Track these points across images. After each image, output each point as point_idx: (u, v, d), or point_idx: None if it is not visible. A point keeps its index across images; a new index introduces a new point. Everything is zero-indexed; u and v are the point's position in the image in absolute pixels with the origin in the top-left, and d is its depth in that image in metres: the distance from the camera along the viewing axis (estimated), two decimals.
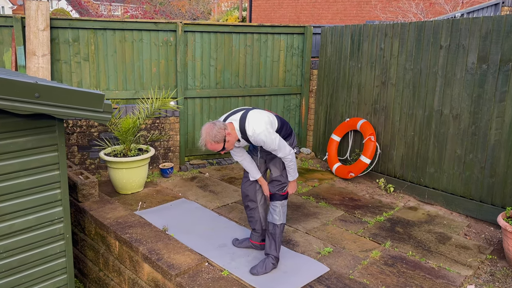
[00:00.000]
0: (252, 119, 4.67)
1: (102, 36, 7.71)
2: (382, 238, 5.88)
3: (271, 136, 4.64)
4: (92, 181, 6.21)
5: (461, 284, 4.84)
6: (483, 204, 6.45)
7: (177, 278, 4.60)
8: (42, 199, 4.44)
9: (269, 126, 4.69)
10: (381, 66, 7.76)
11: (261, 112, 4.82)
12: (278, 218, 5.01)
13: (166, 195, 7.11)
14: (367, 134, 7.79)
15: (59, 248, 4.70)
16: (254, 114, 4.72)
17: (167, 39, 8.15)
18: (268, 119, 4.76)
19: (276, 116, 4.95)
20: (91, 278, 6.04)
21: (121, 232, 5.41)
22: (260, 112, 4.79)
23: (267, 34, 8.99)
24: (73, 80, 7.64)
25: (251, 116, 4.69)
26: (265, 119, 4.71)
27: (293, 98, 9.55)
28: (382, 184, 7.72)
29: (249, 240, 5.45)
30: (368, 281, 4.83)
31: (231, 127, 4.67)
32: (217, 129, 4.52)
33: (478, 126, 6.40)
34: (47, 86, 3.85)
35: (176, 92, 8.31)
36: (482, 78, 6.29)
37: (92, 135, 7.58)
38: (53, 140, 4.40)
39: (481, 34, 6.26)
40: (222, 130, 4.54)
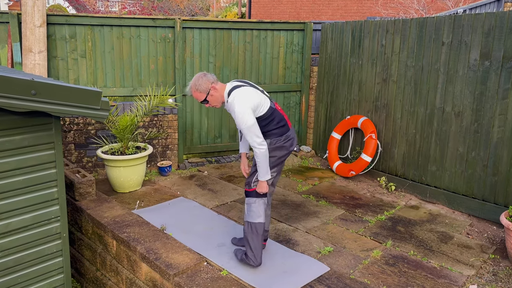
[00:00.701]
0: (242, 90, 4.70)
1: (99, 33, 7.70)
2: (383, 237, 5.87)
3: (244, 111, 4.55)
4: (89, 180, 6.20)
5: (463, 284, 4.84)
6: (485, 202, 6.44)
7: (175, 278, 4.60)
8: (38, 197, 4.43)
9: (251, 104, 4.61)
10: (382, 63, 7.76)
11: (259, 93, 4.78)
12: (247, 214, 4.96)
13: (164, 194, 7.10)
14: (368, 132, 7.79)
15: (56, 247, 4.69)
16: (249, 89, 4.74)
17: (165, 36, 8.14)
18: (257, 100, 4.68)
19: (274, 109, 4.83)
20: (88, 278, 6.04)
21: (118, 231, 5.40)
22: (257, 92, 4.76)
23: (266, 31, 8.98)
24: (70, 77, 7.62)
25: (245, 89, 4.72)
26: (253, 97, 4.66)
27: (293, 95, 9.54)
28: (383, 183, 7.71)
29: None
30: (369, 281, 4.83)
31: (221, 87, 4.77)
32: (205, 80, 4.69)
33: (481, 124, 6.40)
34: (44, 83, 3.84)
35: (174, 89, 8.30)
36: (485, 75, 6.29)
37: (89, 133, 7.57)
38: (50, 138, 4.39)
39: (483, 30, 6.26)
40: (209, 83, 4.69)
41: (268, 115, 4.76)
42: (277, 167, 4.95)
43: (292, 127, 4.99)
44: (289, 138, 4.89)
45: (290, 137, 4.91)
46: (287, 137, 4.88)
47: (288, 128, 4.91)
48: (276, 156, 4.86)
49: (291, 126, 4.99)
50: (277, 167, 4.96)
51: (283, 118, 4.89)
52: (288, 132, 4.90)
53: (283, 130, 4.85)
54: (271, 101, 4.89)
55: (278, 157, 4.88)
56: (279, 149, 4.85)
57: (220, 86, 4.76)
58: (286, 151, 4.90)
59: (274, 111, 4.83)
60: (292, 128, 4.98)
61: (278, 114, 4.86)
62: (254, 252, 4.91)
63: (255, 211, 4.90)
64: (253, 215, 4.90)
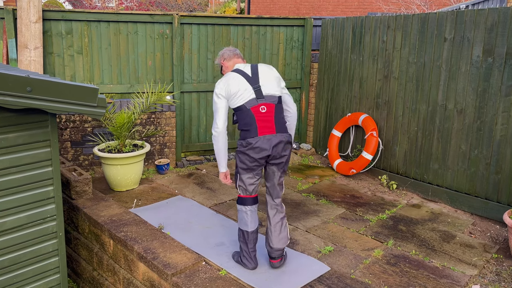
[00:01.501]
0: (229, 75, 4.87)
1: (96, 29, 7.68)
2: (385, 236, 5.87)
3: (215, 91, 4.87)
4: (86, 178, 6.20)
5: (466, 284, 4.84)
6: (488, 201, 6.44)
7: (173, 277, 4.59)
8: (34, 196, 4.42)
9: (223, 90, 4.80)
10: (383, 59, 7.75)
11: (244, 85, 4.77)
12: (239, 222, 4.99)
13: (162, 192, 7.10)
14: (369, 130, 7.78)
15: (52, 247, 4.68)
16: (235, 77, 4.83)
17: (163, 32, 8.13)
18: (234, 89, 4.74)
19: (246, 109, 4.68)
20: (85, 278, 6.03)
21: (115, 230, 5.40)
22: (241, 83, 4.78)
23: (266, 27, 8.97)
24: (66, 74, 7.61)
25: (232, 75, 4.86)
26: (230, 85, 4.77)
27: (293, 92, 9.52)
28: (384, 181, 7.71)
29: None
30: (370, 281, 4.82)
31: (232, 64, 5.08)
32: (221, 53, 5.14)
33: (484, 121, 6.39)
34: (40, 80, 3.83)
35: (172, 86, 8.29)
36: (488, 71, 6.28)
37: (86, 130, 7.56)
38: (46, 135, 4.38)
39: (486, 26, 6.25)
40: (221, 58, 5.13)
41: (238, 110, 4.77)
42: (250, 171, 4.78)
43: (268, 135, 4.64)
44: (250, 144, 4.65)
45: (253, 146, 4.63)
46: (248, 143, 4.65)
47: (253, 134, 4.64)
48: (243, 157, 4.74)
49: (270, 133, 4.65)
50: (251, 171, 4.78)
51: (251, 122, 4.65)
52: (251, 138, 4.64)
53: (246, 134, 4.69)
54: (257, 100, 4.70)
55: (244, 160, 4.73)
56: (242, 153, 4.74)
57: (231, 63, 5.06)
58: (248, 157, 4.68)
59: (245, 111, 4.69)
60: (264, 136, 4.64)
61: (248, 116, 4.68)
62: (245, 256, 4.96)
63: (239, 217, 4.96)
64: (239, 221, 4.97)
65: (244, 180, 4.83)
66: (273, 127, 4.69)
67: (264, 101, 4.72)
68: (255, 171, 4.79)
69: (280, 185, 4.97)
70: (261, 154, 4.64)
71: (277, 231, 4.91)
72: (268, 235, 4.96)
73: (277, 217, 4.95)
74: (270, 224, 4.94)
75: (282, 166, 4.86)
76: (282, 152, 4.73)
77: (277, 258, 4.98)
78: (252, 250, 4.94)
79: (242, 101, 4.72)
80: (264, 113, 4.69)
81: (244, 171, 4.79)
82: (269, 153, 4.64)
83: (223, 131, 4.83)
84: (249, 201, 4.88)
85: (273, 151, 4.66)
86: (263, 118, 4.67)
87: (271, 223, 4.94)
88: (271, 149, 4.64)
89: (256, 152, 4.64)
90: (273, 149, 4.65)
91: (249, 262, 4.92)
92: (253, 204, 4.90)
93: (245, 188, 4.86)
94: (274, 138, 4.66)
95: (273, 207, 4.97)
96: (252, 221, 4.88)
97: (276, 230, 4.91)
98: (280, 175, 4.91)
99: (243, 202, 4.89)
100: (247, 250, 4.92)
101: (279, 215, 4.96)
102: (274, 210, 4.96)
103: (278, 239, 4.90)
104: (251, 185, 4.85)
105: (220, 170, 5.04)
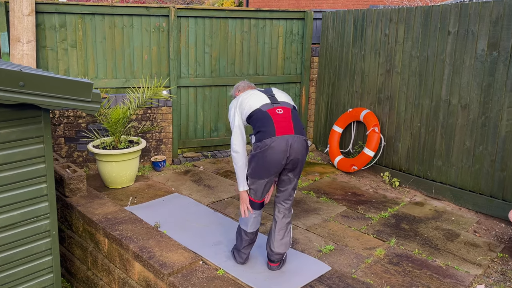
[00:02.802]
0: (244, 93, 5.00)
1: (90, 22, 7.66)
2: (387, 235, 5.87)
3: (231, 112, 4.96)
4: (80, 175, 6.19)
5: (470, 284, 4.83)
6: (493, 199, 6.44)
7: (170, 277, 4.59)
8: (27, 194, 4.42)
9: (237, 101, 4.93)
10: (385, 53, 7.74)
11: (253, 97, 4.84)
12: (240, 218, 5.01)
13: (158, 190, 7.09)
14: (371, 125, 7.78)
15: (45, 245, 4.68)
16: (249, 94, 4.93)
17: (159, 25, 8.11)
18: (246, 103, 4.81)
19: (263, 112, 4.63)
20: (79, 278, 6.03)
21: (110, 228, 5.39)
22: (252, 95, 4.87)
23: (265, 20, 8.95)
24: (60, 68, 7.59)
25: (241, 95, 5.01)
26: (251, 93, 4.90)
27: (293, 87, 9.52)
28: (386, 178, 7.71)
29: None
30: (372, 280, 4.82)
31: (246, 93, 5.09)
32: (236, 85, 5.36)
33: (488, 117, 6.39)
34: (33, 75, 3.82)
35: (168, 81, 8.28)
36: (493, 66, 6.27)
37: (80, 126, 7.55)
38: (39, 131, 4.37)
39: (491, 19, 6.24)
40: (236, 90, 5.33)
41: (252, 116, 4.70)
42: (265, 176, 4.63)
43: (286, 136, 4.48)
44: (266, 145, 4.47)
45: (269, 146, 4.46)
46: (264, 144, 4.48)
47: (271, 134, 4.48)
48: (259, 160, 4.55)
49: (289, 133, 4.50)
50: (266, 177, 4.64)
51: (268, 123, 4.54)
52: (268, 138, 4.48)
53: (262, 135, 4.52)
54: (272, 104, 4.65)
55: (260, 164, 4.56)
56: (257, 156, 4.55)
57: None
58: (264, 160, 4.51)
59: (261, 113, 4.62)
60: (282, 137, 4.47)
61: (265, 118, 4.58)
62: (237, 251, 5.04)
63: (241, 216, 4.93)
64: (240, 219, 4.97)
65: (256, 184, 4.70)
66: (291, 127, 4.55)
67: (280, 105, 4.67)
68: (269, 177, 4.65)
69: (294, 190, 4.86)
70: (279, 156, 4.46)
71: (281, 235, 4.85)
72: (271, 237, 4.91)
73: (283, 221, 4.86)
74: (275, 227, 4.87)
75: (298, 172, 4.73)
76: (299, 155, 4.56)
77: (276, 262, 4.95)
78: (245, 248, 4.97)
79: (257, 105, 4.68)
80: (281, 115, 4.59)
81: (256, 175, 4.65)
82: (287, 154, 4.47)
83: (243, 151, 4.75)
84: (256, 206, 4.82)
85: (291, 153, 4.49)
86: (280, 119, 4.56)
87: (276, 227, 4.86)
88: (289, 150, 4.47)
89: (273, 154, 4.45)
90: (291, 150, 4.48)
91: (239, 258, 5.02)
92: (259, 209, 4.85)
93: (254, 192, 4.75)
94: (292, 139, 4.49)
95: (282, 211, 4.86)
96: (254, 223, 4.87)
97: (280, 235, 4.85)
98: (296, 181, 4.79)
99: (250, 205, 4.82)
100: (240, 247, 4.98)
101: (285, 219, 4.87)
102: (281, 214, 4.86)
103: (280, 244, 4.85)
104: (263, 191, 4.74)
105: (241, 188, 4.81)
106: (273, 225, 4.90)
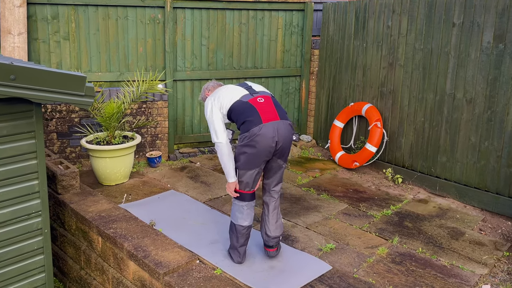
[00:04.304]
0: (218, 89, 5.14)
1: (83, 13, 7.64)
2: (390, 233, 5.87)
3: (207, 107, 4.96)
4: (73, 171, 6.18)
5: (475, 283, 4.84)
6: (499, 196, 6.44)
7: (166, 277, 4.58)
8: (18, 191, 4.41)
9: (217, 104, 4.91)
10: (388, 45, 7.73)
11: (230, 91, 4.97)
12: (231, 214, 5.05)
13: (153, 187, 7.09)
14: (373, 120, 7.77)
15: (37, 244, 4.67)
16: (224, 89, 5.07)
17: (155, 16, 8.09)
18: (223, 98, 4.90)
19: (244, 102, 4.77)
20: (72, 277, 6.03)
21: (104, 227, 5.39)
22: (228, 90, 4.99)
23: (263, 11, 8.93)
24: (52, 61, 7.57)
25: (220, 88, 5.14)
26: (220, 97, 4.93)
27: (292, 80, 9.51)
28: (389, 175, 7.71)
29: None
30: (374, 280, 4.82)
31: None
32: (204, 88, 5.42)
33: (494, 111, 6.38)
34: (24, 68, 3.81)
35: (164, 74, 8.26)
36: (499, 58, 6.27)
37: (73, 121, 7.54)
38: (30, 126, 4.36)
39: (497, 10, 6.22)
40: (206, 91, 5.39)
41: (234, 109, 4.81)
42: (254, 166, 4.73)
43: (272, 122, 4.63)
44: (254, 134, 4.59)
45: (257, 134, 4.58)
46: (252, 133, 4.60)
47: (257, 122, 4.61)
48: (248, 150, 4.66)
49: (274, 119, 4.65)
50: (255, 166, 4.74)
51: (252, 112, 4.67)
52: (254, 127, 4.60)
53: (248, 125, 4.65)
54: (252, 95, 4.84)
55: (249, 154, 4.67)
56: (246, 146, 4.67)
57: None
58: (253, 149, 4.63)
59: (242, 104, 4.77)
60: (269, 123, 4.61)
61: (247, 108, 4.72)
62: (233, 250, 5.05)
63: (234, 211, 4.98)
64: (232, 215, 5.02)
65: (247, 175, 4.79)
66: (275, 113, 4.73)
67: (259, 94, 4.88)
68: (259, 166, 4.78)
69: (283, 173, 5.07)
70: (268, 142, 4.61)
71: (274, 218, 5.03)
72: (265, 223, 5.06)
73: (275, 204, 5.06)
74: (268, 211, 5.05)
75: (286, 157, 4.93)
76: (287, 139, 4.75)
77: (274, 247, 5.08)
78: (242, 245, 5.00)
79: (236, 97, 4.84)
80: (263, 103, 4.78)
81: (247, 166, 4.74)
82: (276, 139, 4.62)
83: (226, 141, 4.81)
84: (247, 197, 4.90)
85: (279, 138, 4.64)
86: (263, 106, 4.73)
87: (268, 211, 5.04)
88: (277, 135, 4.63)
89: (263, 141, 4.59)
90: (278, 135, 4.64)
91: (236, 256, 5.01)
92: (251, 200, 4.94)
93: (246, 184, 4.84)
94: (278, 124, 4.67)
95: (274, 195, 5.06)
96: (248, 216, 4.92)
97: (274, 217, 5.03)
98: (285, 166, 4.99)
99: (242, 198, 4.90)
100: (237, 244, 4.99)
101: (277, 202, 5.07)
102: (274, 198, 5.06)
103: (275, 227, 5.03)
104: (254, 181, 4.84)
105: (230, 179, 4.89)
106: (265, 210, 5.09)
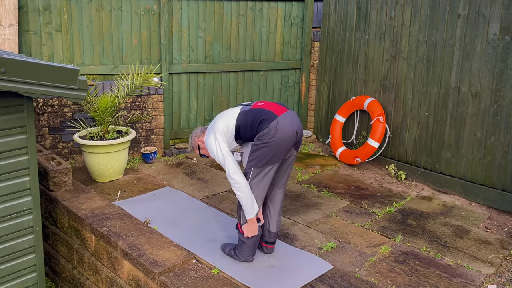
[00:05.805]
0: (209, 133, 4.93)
1: (76, 4, 7.61)
2: (392, 231, 5.87)
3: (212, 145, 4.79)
4: (65, 168, 6.17)
5: (481, 283, 4.84)
6: (506, 193, 6.44)
7: (161, 276, 4.58)
8: (8, 187, 4.40)
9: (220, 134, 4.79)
10: (391, 37, 7.71)
11: (225, 114, 4.92)
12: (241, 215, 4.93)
13: (148, 183, 7.08)
14: (376, 115, 7.76)
15: (28, 243, 4.67)
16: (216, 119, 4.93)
17: (150, 7, 8.07)
18: (223, 124, 4.82)
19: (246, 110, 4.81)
20: (64, 277, 6.03)
21: (97, 225, 5.38)
22: (222, 115, 4.92)
23: (262, 2, 8.90)
24: (44, 53, 7.55)
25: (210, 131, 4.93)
26: (219, 125, 4.82)
27: (292, 73, 9.50)
28: (392, 171, 7.70)
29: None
30: (377, 280, 4.82)
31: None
32: (193, 136, 5.22)
33: (501, 106, 6.37)
34: (14, 60, 3.80)
35: (160, 67, 8.24)
36: (505, 51, 6.26)
37: (65, 115, 7.52)
38: (21, 121, 4.35)
39: (504, 1, 6.21)
40: (196, 137, 5.19)
41: (240, 122, 4.78)
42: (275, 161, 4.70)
43: (284, 113, 4.68)
44: (274, 128, 4.58)
45: (277, 127, 4.58)
46: (271, 128, 4.59)
47: (272, 117, 4.62)
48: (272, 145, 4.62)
49: (285, 111, 4.70)
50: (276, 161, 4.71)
51: (263, 112, 4.70)
52: (272, 122, 4.60)
53: (264, 124, 4.64)
54: (250, 105, 4.91)
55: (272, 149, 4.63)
56: (267, 143, 4.61)
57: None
58: (276, 143, 4.60)
59: (247, 112, 4.80)
60: (282, 115, 4.65)
61: (255, 112, 4.75)
62: (245, 247, 4.97)
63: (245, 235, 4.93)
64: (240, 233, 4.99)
65: (266, 173, 4.71)
66: (282, 107, 4.80)
67: (256, 101, 4.96)
68: (280, 160, 4.76)
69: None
70: (290, 132, 4.63)
71: (279, 215, 5.12)
72: (268, 219, 5.07)
73: (282, 199, 5.10)
74: (274, 208, 5.07)
75: (299, 144, 4.95)
76: (300, 127, 4.80)
77: (274, 243, 5.17)
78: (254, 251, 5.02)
79: (237, 111, 4.87)
80: (265, 103, 4.85)
81: (268, 161, 4.66)
82: (296, 128, 4.67)
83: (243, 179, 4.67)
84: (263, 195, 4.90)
85: (297, 127, 4.71)
86: (268, 105, 4.80)
87: (275, 207, 5.07)
88: (294, 124, 4.69)
89: (285, 132, 4.60)
90: (296, 124, 4.72)
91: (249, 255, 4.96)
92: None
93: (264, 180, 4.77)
94: (290, 114, 4.73)
95: (282, 189, 5.09)
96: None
97: (279, 214, 5.11)
98: (295, 155, 5.03)
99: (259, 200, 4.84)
100: (252, 254, 4.98)
101: (283, 196, 5.12)
102: (281, 192, 5.09)
103: (278, 224, 5.14)
104: (271, 177, 4.80)
105: (255, 211, 4.76)
106: (270, 207, 5.09)
